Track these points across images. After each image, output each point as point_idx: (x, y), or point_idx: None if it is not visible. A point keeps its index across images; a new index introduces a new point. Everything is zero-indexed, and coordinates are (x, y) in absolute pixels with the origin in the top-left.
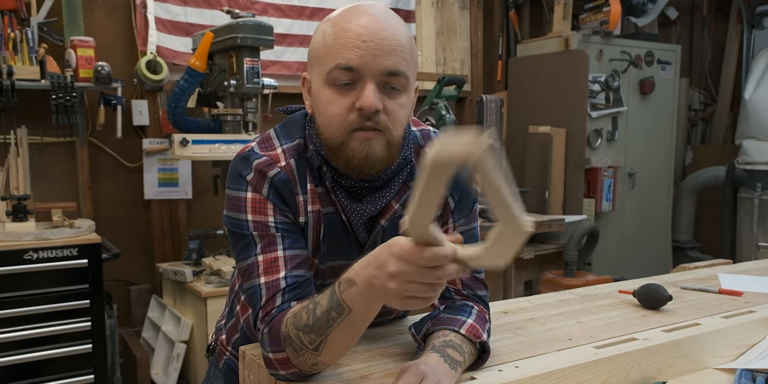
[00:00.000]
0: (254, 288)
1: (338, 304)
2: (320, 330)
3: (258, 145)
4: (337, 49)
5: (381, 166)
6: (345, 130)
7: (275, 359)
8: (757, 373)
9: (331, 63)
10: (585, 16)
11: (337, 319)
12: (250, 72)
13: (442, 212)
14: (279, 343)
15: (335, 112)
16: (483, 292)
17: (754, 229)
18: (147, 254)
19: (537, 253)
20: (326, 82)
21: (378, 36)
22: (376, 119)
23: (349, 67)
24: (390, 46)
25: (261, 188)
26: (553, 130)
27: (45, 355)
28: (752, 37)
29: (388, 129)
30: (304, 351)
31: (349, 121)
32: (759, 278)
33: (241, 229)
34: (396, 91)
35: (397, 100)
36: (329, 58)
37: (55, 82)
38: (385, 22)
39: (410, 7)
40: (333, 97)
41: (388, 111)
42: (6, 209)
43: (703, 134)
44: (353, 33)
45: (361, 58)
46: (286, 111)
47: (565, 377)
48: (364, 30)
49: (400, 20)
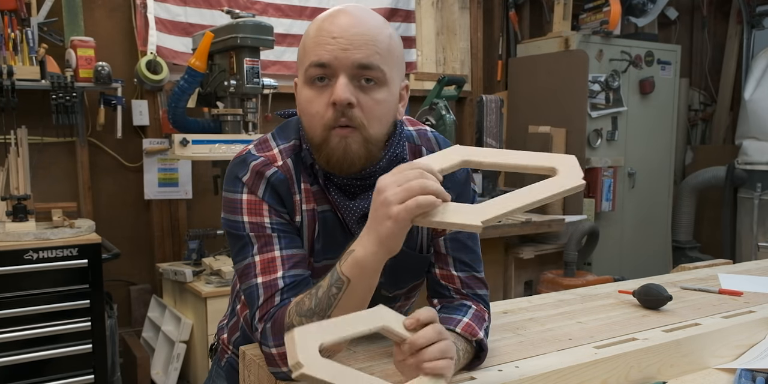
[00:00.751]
0: (252, 288)
1: (338, 279)
2: (322, 310)
3: (255, 147)
4: (312, 47)
5: (360, 163)
6: (324, 128)
7: (278, 354)
8: (757, 373)
9: (306, 62)
10: (585, 16)
11: (337, 294)
12: (250, 72)
13: None
14: (283, 335)
15: (314, 111)
16: (483, 291)
17: (754, 229)
18: (147, 254)
19: (537, 253)
20: (305, 82)
21: (348, 32)
22: (350, 114)
23: (321, 63)
24: (361, 41)
25: (257, 190)
26: (553, 130)
27: (45, 355)
28: (752, 37)
29: (362, 126)
30: None
31: (326, 119)
32: (759, 278)
33: (238, 231)
34: (371, 85)
35: (372, 95)
36: (306, 58)
37: (55, 82)
38: (360, 20)
39: (410, 7)
40: (312, 96)
41: (363, 106)
42: (6, 209)
43: (703, 134)
44: (325, 31)
45: (331, 52)
46: (283, 115)
47: (565, 377)
48: (335, 27)
49: (378, 19)
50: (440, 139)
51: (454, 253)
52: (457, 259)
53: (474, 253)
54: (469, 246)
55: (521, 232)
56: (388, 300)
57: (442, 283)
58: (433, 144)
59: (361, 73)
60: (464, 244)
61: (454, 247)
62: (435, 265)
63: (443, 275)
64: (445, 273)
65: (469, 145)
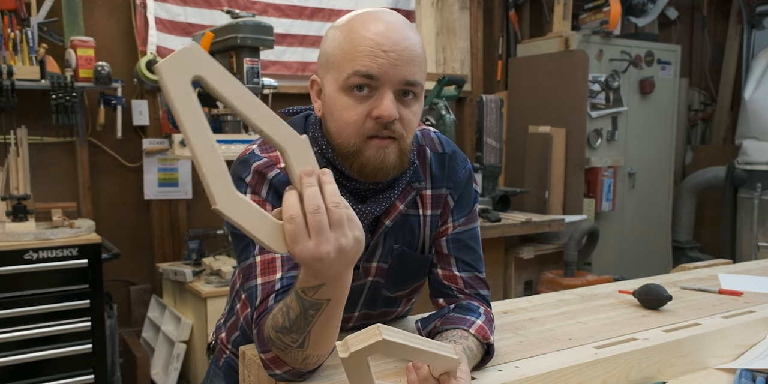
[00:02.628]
0: (252, 288)
1: (313, 304)
2: (300, 329)
3: (258, 147)
4: (356, 55)
5: (393, 173)
6: (361, 138)
7: (266, 359)
8: (757, 373)
9: (348, 69)
10: (585, 16)
11: (315, 315)
12: (250, 72)
13: (441, 211)
14: (265, 344)
15: (351, 120)
16: (485, 291)
17: (754, 229)
18: (147, 254)
19: (537, 253)
20: (342, 89)
21: (398, 46)
22: (392, 128)
23: (369, 74)
24: (409, 57)
25: (260, 190)
26: (553, 130)
27: (45, 355)
28: (752, 37)
29: (402, 137)
30: (290, 349)
31: (365, 129)
32: (759, 278)
33: (240, 230)
34: (410, 100)
35: (411, 108)
36: (347, 65)
37: (55, 82)
38: (403, 31)
39: (410, 7)
40: (349, 104)
41: (403, 119)
42: (6, 209)
43: (703, 134)
44: (372, 41)
45: (381, 66)
46: (288, 113)
47: (565, 377)
48: (384, 39)
49: (414, 28)
50: (443, 140)
51: (457, 253)
52: (460, 259)
53: (476, 254)
54: (471, 246)
55: (521, 232)
56: (390, 301)
57: (445, 284)
58: (436, 144)
59: (405, 89)
60: (466, 244)
61: (457, 248)
62: (437, 266)
63: (446, 276)
64: (447, 273)
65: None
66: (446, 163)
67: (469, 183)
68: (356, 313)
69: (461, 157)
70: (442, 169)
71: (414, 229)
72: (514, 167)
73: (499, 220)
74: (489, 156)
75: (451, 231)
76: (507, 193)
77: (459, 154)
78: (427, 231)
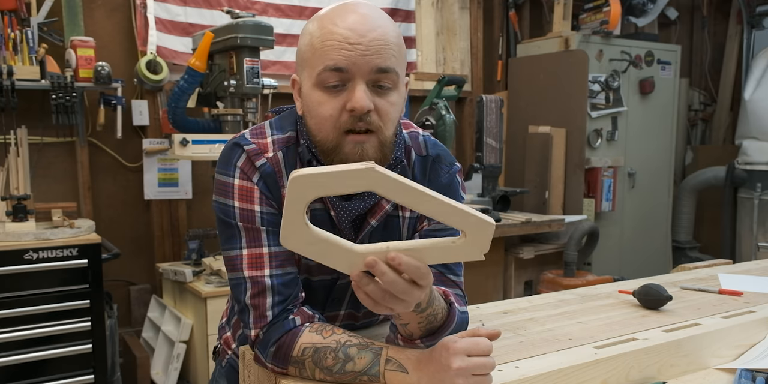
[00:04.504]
0: (239, 280)
1: (376, 375)
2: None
3: (250, 131)
4: (325, 51)
5: None
6: (338, 132)
7: (273, 370)
8: (757, 373)
9: (319, 65)
10: (585, 16)
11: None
12: (250, 72)
13: (419, 213)
14: (286, 362)
15: (327, 114)
16: (458, 292)
17: (754, 229)
18: (147, 254)
19: (537, 253)
20: (316, 85)
21: (366, 37)
22: (368, 119)
23: (338, 67)
24: (379, 45)
25: (252, 175)
26: (553, 130)
27: (45, 355)
28: (752, 37)
29: (380, 129)
30: (311, 379)
31: (341, 123)
32: (759, 278)
33: (228, 217)
34: (386, 89)
35: (387, 98)
36: (317, 61)
37: (55, 82)
38: (373, 21)
39: (410, 7)
40: (323, 99)
41: (379, 110)
42: (6, 209)
43: (703, 134)
44: (340, 35)
45: (349, 58)
46: (277, 111)
47: (565, 377)
48: (350, 32)
49: (387, 17)
50: (429, 143)
51: None
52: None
53: None
54: None
55: (521, 232)
56: None
57: None
58: (421, 147)
59: (378, 78)
60: None
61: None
62: None
63: None
64: None
65: (469, 144)
66: (428, 167)
67: (451, 188)
68: (342, 312)
69: (447, 161)
70: (424, 173)
71: (396, 231)
72: (514, 167)
73: (499, 220)
74: (489, 156)
75: (426, 227)
76: (507, 193)
77: (445, 157)
78: (406, 233)
